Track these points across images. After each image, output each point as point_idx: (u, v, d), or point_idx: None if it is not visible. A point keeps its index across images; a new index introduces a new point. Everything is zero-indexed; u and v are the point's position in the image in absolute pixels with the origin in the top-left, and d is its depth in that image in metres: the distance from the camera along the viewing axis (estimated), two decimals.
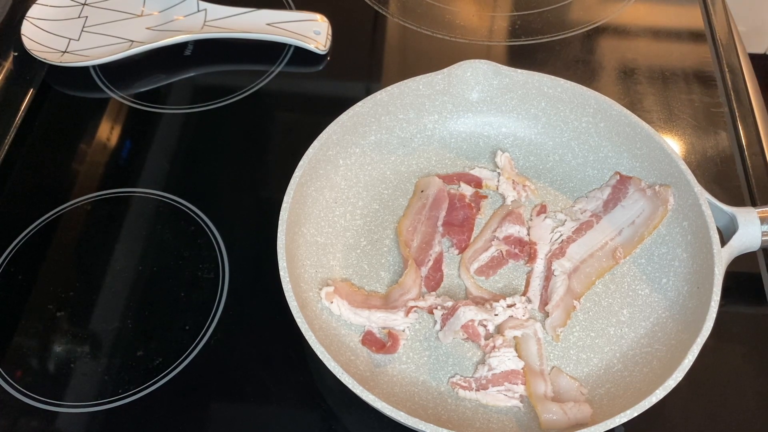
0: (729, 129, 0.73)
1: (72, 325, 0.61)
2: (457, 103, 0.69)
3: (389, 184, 0.68)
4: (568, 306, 0.59)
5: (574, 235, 0.63)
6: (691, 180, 0.60)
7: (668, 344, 0.56)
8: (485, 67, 0.67)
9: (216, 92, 0.77)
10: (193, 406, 0.57)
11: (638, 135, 0.64)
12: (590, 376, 0.57)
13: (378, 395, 0.50)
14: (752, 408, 0.57)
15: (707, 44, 0.81)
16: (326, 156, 0.64)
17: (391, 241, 0.65)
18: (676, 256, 0.61)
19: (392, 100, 0.67)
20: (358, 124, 0.66)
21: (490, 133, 0.70)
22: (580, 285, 0.61)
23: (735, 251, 0.59)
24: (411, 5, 0.86)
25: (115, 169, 0.71)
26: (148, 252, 0.65)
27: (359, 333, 0.59)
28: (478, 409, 0.55)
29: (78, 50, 0.78)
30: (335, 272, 0.62)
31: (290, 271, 0.56)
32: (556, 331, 0.58)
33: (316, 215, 0.63)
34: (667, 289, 0.60)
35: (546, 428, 0.53)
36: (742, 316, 0.62)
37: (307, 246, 0.61)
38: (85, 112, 0.76)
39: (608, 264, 0.62)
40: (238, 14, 0.81)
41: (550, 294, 0.60)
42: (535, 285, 0.61)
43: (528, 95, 0.68)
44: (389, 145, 0.69)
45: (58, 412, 0.56)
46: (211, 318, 0.61)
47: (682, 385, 0.50)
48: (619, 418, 0.49)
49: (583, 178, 0.68)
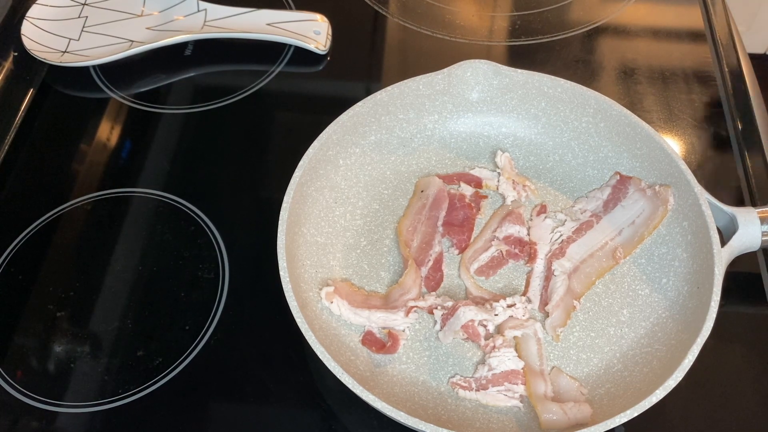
0: (729, 129, 0.73)
1: (72, 325, 0.61)
2: (457, 103, 0.69)
3: (389, 184, 0.68)
4: (568, 306, 0.59)
5: (574, 235, 0.63)
6: (691, 180, 0.60)
7: (668, 344, 0.56)
8: (485, 67, 0.67)
9: (216, 92, 0.77)
10: (193, 406, 0.57)
11: (638, 135, 0.64)
12: (590, 376, 0.57)
13: (378, 395, 0.50)
14: (752, 408, 0.57)
15: (707, 44, 0.81)
16: (326, 156, 0.64)
17: (391, 241, 0.65)
18: (676, 256, 0.61)
19: (392, 100, 0.67)
20: (358, 124, 0.66)
21: (490, 133, 0.70)
22: (580, 285, 0.61)
23: (735, 251, 0.59)
24: (411, 5, 0.86)
25: (115, 169, 0.71)
26: (148, 252, 0.65)
27: (359, 333, 0.59)
28: (478, 409, 0.55)
29: (78, 50, 0.78)
30: (335, 272, 0.62)
31: (290, 271, 0.56)
32: (557, 331, 0.58)
33: (316, 215, 0.63)
34: (667, 289, 0.60)
35: (546, 428, 0.53)
36: (742, 316, 0.62)
37: (307, 246, 0.61)
38: (85, 112, 0.76)
39: (608, 264, 0.62)
40: (238, 14, 0.81)
41: (550, 294, 0.60)
42: (535, 285, 0.61)
43: (528, 95, 0.68)
44: (389, 145, 0.69)
45: (58, 412, 0.56)
46: (211, 318, 0.61)
47: (682, 385, 0.50)
48: (619, 418, 0.49)
49: (583, 178, 0.68)
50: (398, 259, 0.63)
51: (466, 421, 0.54)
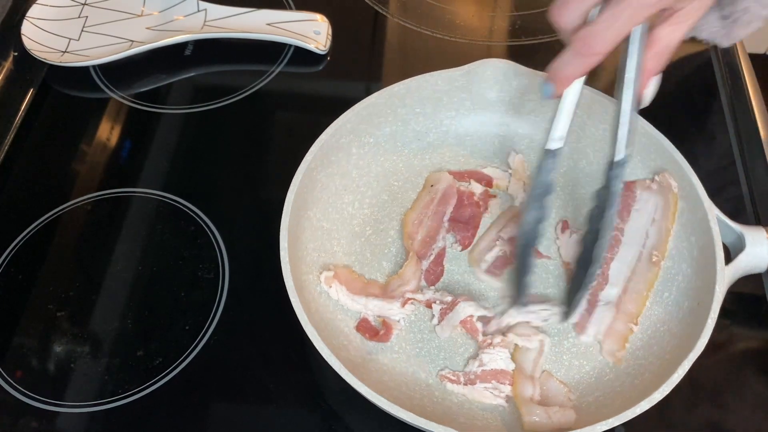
0: (729, 129, 0.73)
1: (72, 325, 0.61)
2: (475, 101, 0.69)
3: (400, 176, 0.68)
4: (625, 331, 0.58)
5: (608, 254, 0.61)
6: (702, 195, 0.58)
7: (662, 358, 0.55)
8: (506, 67, 0.67)
9: (216, 92, 0.77)
10: (193, 406, 0.57)
11: (654, 146, 0.63)
12: (580, 383, 0.57)
13: (364, 381, 0.50)
14: (752, 408, 0.57)
15: (706, 46, 0.80)
16: (339, 143, 0.64)
17: (396, 233, 0.65)
18: (680, 271, 0.60)
19: (410, 93, 0.67)
20: (373, 114, 0.66)
21: (506, 133, 0.70)
22: (633, 304, 0.59)
23: (739, 271, 0.57)
24: (411, 5, 0.86)
25: (115, 169, 0.71)
26: (148, 252, 0.65)
27: (355, 319, 0.59)
28: (464, 405, 0.55)
29: (78, 50, 0.78)
30: (338, 258, 0.63)
31: (291, 252, 0.56)
32: (617, 356, 0.57)
33: (324, 200, 0.64)
34: (668, 303, 0.59)
35: (528, 429, 0.53)
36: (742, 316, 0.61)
37: (312, 230, 0.62)
38: (85, 112, 0.76)
39: (653, 272, 0.60)
40: (238, 14, 0.81)
41: (597, 324, 0.58)
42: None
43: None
44: (404, 138, 0.69)
45: (58, 412, 0.56)
46: (211, 318, 0.61)
47: (683, 385, 0.50)
48: (600, 426, 0.48)
49: (596, 186, 0.66)
50: (401, 251, 0.64)
51: (450, 415, 0.54)
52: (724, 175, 0.70)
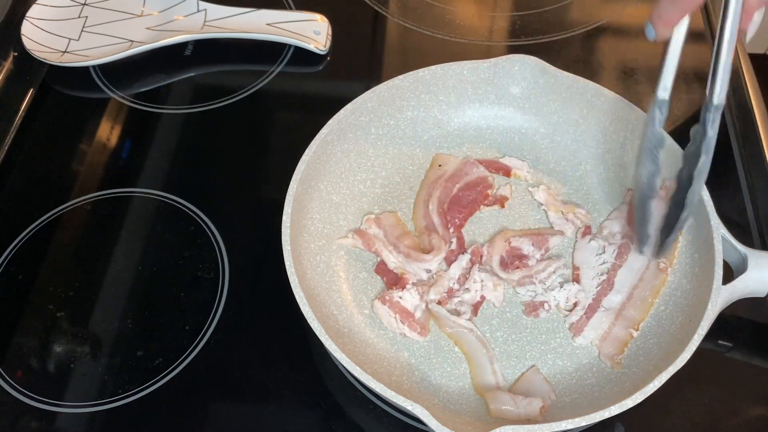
0: (729, 129, 0.73)
1: (72, 325, 0.61)
2: (499, 94, 0.69)
3: (416, 161, 0.69)
4: (624, 336, 0.58)
5: (617, 261, 0.61)
6: (711, 212, 0.58)
7: (645, 369, 0.54)
8: (533, 64, 0.67)
9: (216, 92, 0.77)
10: (193, 406, 0.57)
11: (670, 158, 0.60)
12: (560, 383, 0.57)
13: (344, 350, 0.51)
14: (752, 408, 0.57)
15: (707, 44, 0.80)
16: (359, 121, 0.66)
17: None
18: (680, 287, 0.59)
19: (435, 80, 0.68)
20: (396, 96, 0.67)
21: (528, 130, 0.70)
22: (637, 311, 0.59)
23: (737, 292, 0.56)
24: (411, 5, 0.86)
25: (115, 169, 0.71)
26: (148, 252, 0.65)
27: (352, 291, 0.60)
28: (440, 389, 0.56)
29: (78, 50, 0.78)
30: (343, 232, 0.64)
31: (295, 219, 0.58)
32: (615, 360, 0.57)
33: (336, 175, 0.65)
34: (663, 317, 0.59)
35: (495, 416, 0.53)
36: (741, 316, 0.61)
37: (321, 201, 0.63)
38: (85, 112, 0.76)
39: (660, 279, 0.60)
40: (238, 14, 0.81)
41: (594, 328, 0.58)
42: (578, 310, 0.60)
43: (571, 99, 0.67)
44: (425, 124, 0.70)
45: (58, 412, 0.56)
46: (211, 318, 0.61)
47: (683, 385, 0.50)
48: (565, 423, 0.48)
49: (610, 192, 0.66)
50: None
51: (425, 396, 0.55)
52: (724, 177, 0.70)
